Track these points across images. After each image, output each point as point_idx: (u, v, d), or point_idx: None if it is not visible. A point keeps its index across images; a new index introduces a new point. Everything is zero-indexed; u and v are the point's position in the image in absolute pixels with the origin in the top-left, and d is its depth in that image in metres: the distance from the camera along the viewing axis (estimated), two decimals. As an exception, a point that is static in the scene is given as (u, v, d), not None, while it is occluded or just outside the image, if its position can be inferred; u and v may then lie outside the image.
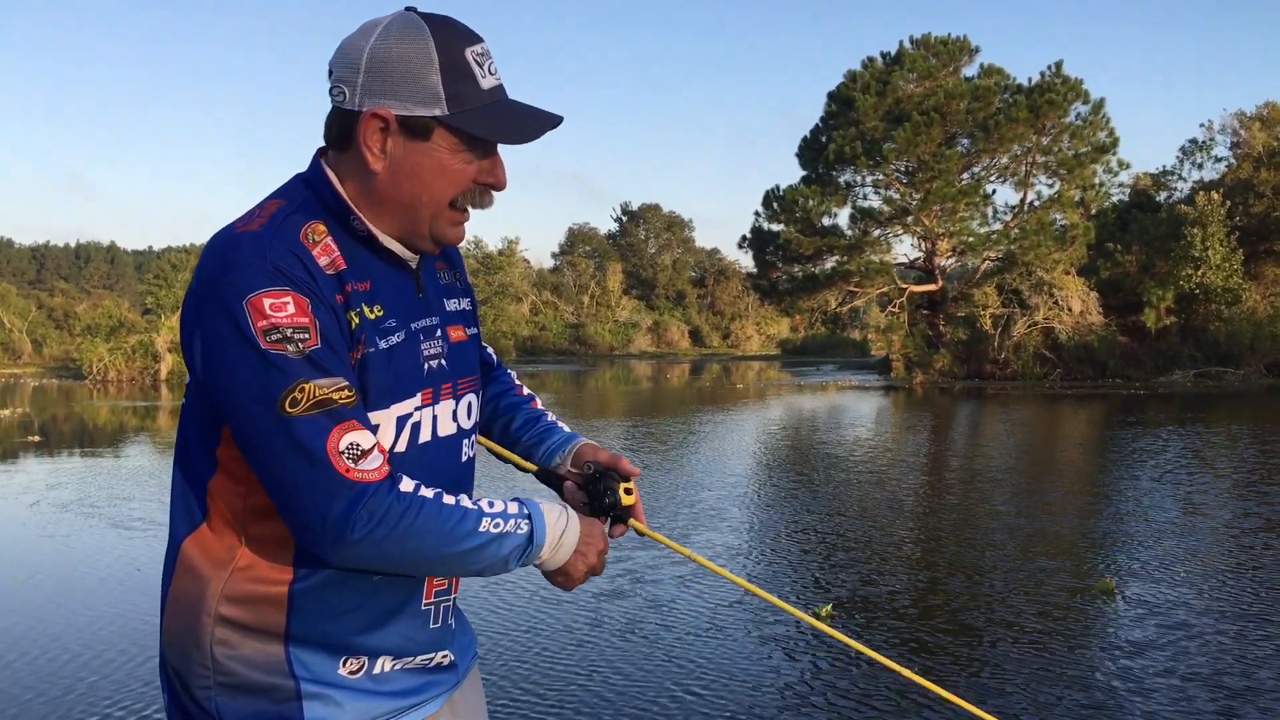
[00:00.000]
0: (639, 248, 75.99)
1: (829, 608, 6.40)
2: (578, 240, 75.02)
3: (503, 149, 1.60)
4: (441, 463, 1.65)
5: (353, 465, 1.42)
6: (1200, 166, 37.08)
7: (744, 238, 36.84)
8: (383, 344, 1.54)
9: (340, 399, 1.42)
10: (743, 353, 62.21)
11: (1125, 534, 8.68)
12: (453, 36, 1.52)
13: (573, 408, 24.81)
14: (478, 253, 66.00)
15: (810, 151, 34.98)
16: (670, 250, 76.33)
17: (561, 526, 1.62)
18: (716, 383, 34.07)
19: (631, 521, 1.80)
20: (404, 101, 1.49)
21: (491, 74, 1.56)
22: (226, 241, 1.46)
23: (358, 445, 1.43)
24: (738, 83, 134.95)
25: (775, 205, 35.22)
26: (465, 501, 1.53)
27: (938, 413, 22.42)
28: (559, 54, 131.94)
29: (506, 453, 1.91)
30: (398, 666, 1.61)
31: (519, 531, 1.56)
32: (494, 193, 1.62)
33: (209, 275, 1.43)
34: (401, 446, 1.58)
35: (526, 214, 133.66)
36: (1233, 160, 34.92)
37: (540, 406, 1.97)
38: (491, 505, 1.55)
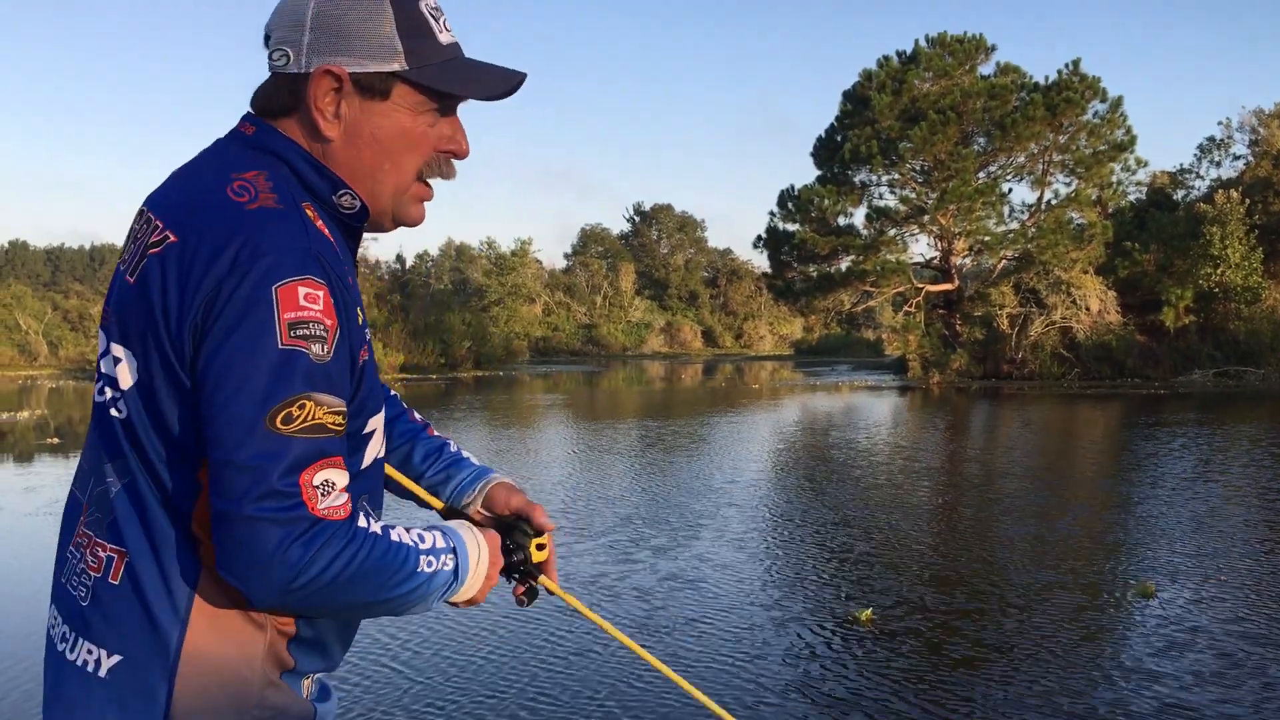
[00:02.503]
0: (651, 248, 75.95)
1: (869, 612, 6.30)
2: (590, 241, 75.01)
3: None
4: (379, 480, 1.50)
5: (320, 502, 1.24)
6: (1218, 165, 36.90)
7: (759, 237, 36.76)
8: (368, 340, 1.41)
9: (333, 426, 1.26)
10: (756, 353, 62.11)
11: (1153, 536, 8.56)
12: None
13: (587, 408, 24.74)
14: (491, 254, 66.08)
15: (825, 151, 34.85)
16: (683, 250, 76.27)
17: (477, 556, 1.46)
18: (730, 383, 33.97)
19: (542, 579, 1.61)
20: (358, 57, 1.33)
21: (447, 30, 1.41)
22: (248, 216, 1.26)
23: (331, 483, 1.25)
24: (752, 82, 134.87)
25: (790, 205, 35.10)
26: (403, 535, 1.36)
27: (955, 413, 22.27)
28: (571, 51, 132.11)
29: (412, 485, 1.66)
30: (321, 675, 1.49)
31: (446, 568, 1.40)
32: (456, 162, 1.47)
33: (234, 254, 1.23)
34: (367, 462, 1.43)
35: (538, 214, 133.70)
36: (1251, 158, 34.68)
37: (438, 434, 1.73)
38: (422, 539, 1.38)
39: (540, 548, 1.60)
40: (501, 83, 1.43)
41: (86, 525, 1.36)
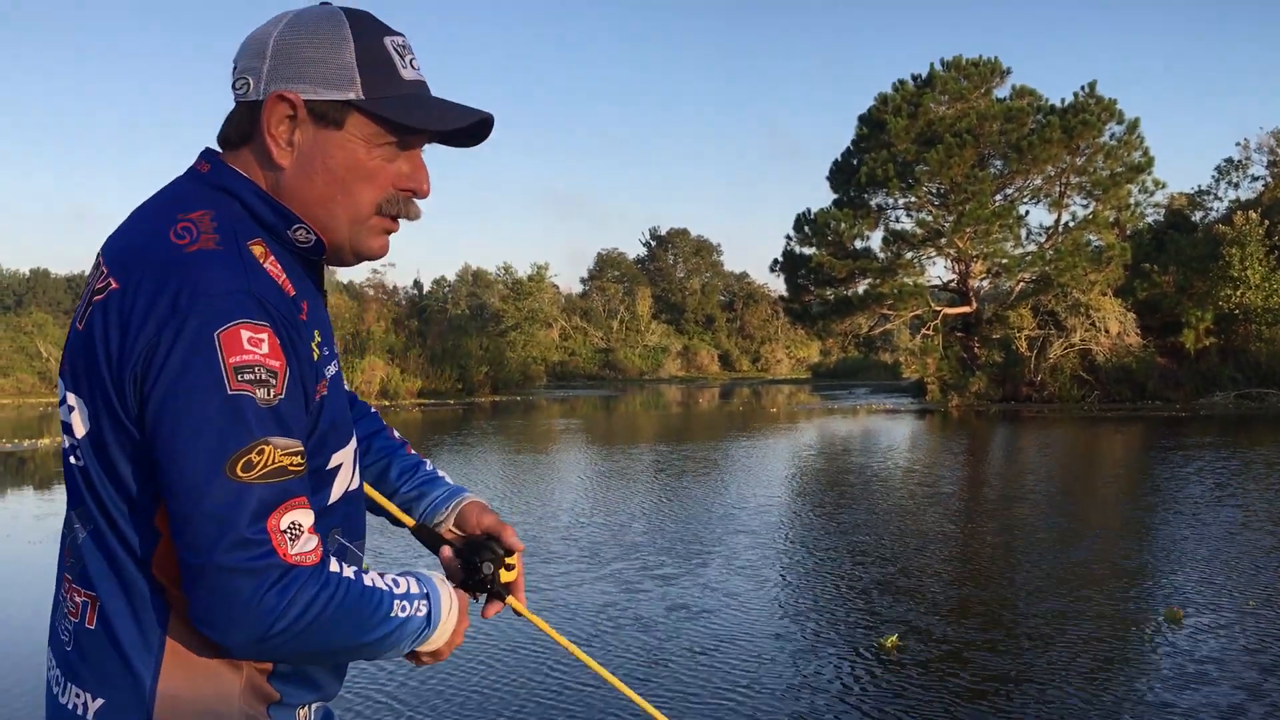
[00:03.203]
0: (668, 272, 76.00)
1: (895, 638, 6.22)
2: (606, 265, 75.12)
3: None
4: (357, 512, 1.50)
5: (291, 547, 1.23)
6: (1236, 186, 36.74)
7: (776, 261, 36.74)
8: (328, 376, 1.38)
9: (293, 468, 1.25)
10: (773, 376, 61.95)
11: (1176, 562, 8.44)
12: (370, 23, 1.38)
13: (603, 433, 24.69)
14: (507, 279, 66.28)
15: (841, 174, 34.86)
16: (699, 274, 76.30)
17: (449, 605, 1.46)
18: (747, 407, 33.88)
19: (510, 600, 1.62)
20: (313, 84, 1.33)
21: (413, 67, 1.39)
22: (185, 260, 1.24)
23: (299, 525, 1.25)
24: (765, 105, 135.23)
25: (807, 228, 35.10)
26: (376, 580, 1.36)
27: (974, 436, 22.12)
28: (586, 76, 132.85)
29: (385, 502, 1.67)
30: (319, 705, 1.48)
31: (419, 615, 1.40)
32: (418, 202, 1.44)
33: (171, 298, 1.21)
34: (335, 496, 1.41)
35: (555, 239, 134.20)
36: (1270, 179, 34.50)
37: (414, 452, 1.74)
38: (396, 584, 1.39)
39: (509, 568, 1.60)
40: (460, 117, 1.39)
41: (67, 570, 1.37)
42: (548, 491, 13.59)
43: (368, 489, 1.63)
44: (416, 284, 65.25)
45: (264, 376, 1.22)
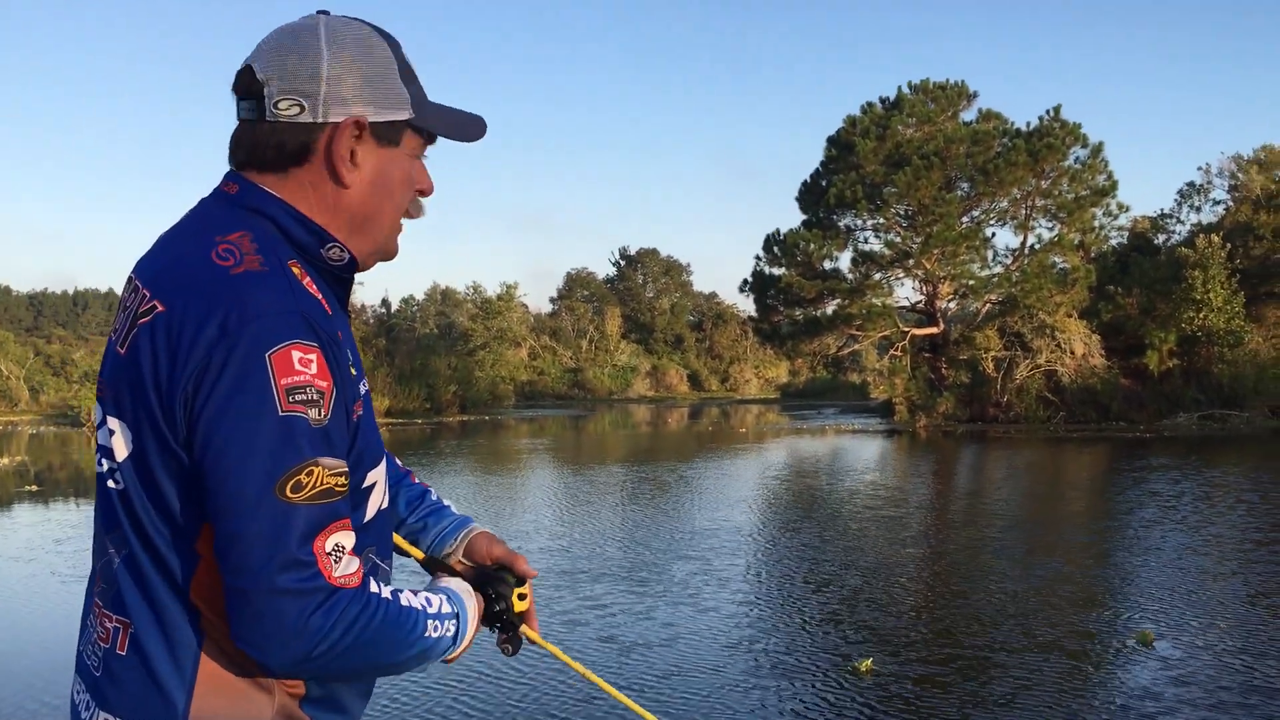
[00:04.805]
0: (637, 292, 76.04)
1: (869, 662, 6.20)
2: (576, 285, 75.06)
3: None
4: (388, 531, 1.52)
5: (335, 569, 1.25)
6: (1198, 209, 37.22)
7: (745, 281, 36.83)
8: (361, 394, 1.40)
9: (339, 489, 1.27)
10: (741, 396, 62.04)
11: (1143, 584, 8.50)
12: (390, 38, 1.43)
13: (571, 453, 24.60)
14: (476, 298, 66.06)
15: (810, 195, 35.05)
16: (668, 294, 76.38)
17: (473, 620, 1.50)
18: (717, 427, 33.89)
19: (523, 629, 1.63)
20: (375, 106, 1.38)
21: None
22: (233, 281, 1.25)
23: (342, 547, 1.27)
24: (737, 126, 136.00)
25: (776, 249, 35.23)
26: (410, 599, 1.38)
27: (942, 457, 22.23)
28: (556, 93, 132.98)
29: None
30: None
31: (449, 634, 1.43)
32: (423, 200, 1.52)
33: (221, 321, 1.21)
34: (370, 515, 1.43)
35: (524, 259, 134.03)
36: (1231, 203, 35.02)
37: (419, 481, 1.74)
38: (429, 603, 1.41)
39: (521, 597, 1.61)
40: (479, 129, 1.51)
41: (98, 596, 1.38)
42: (516, 512, 13.49)
43: None
44: (384, 303, 64.87)
45: (314, 397, 1.24)
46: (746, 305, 47.45)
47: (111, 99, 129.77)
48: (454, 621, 1.44)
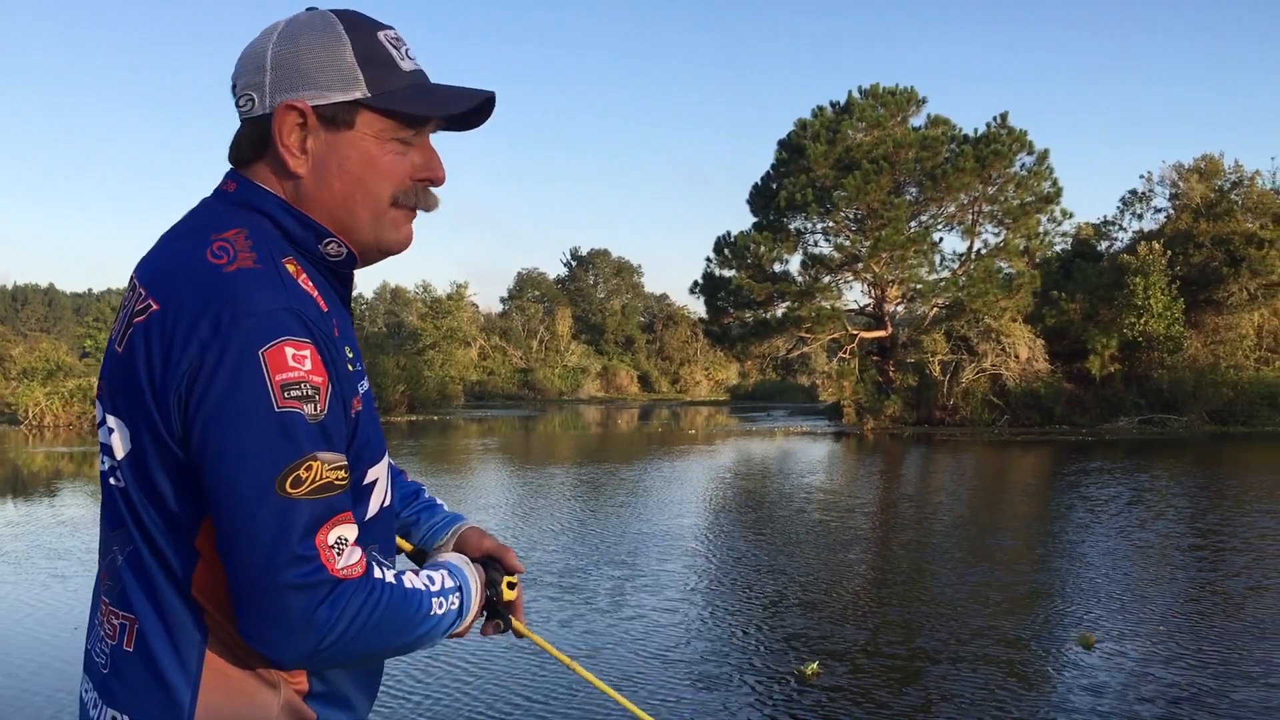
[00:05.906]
0: (588, 293, 75.98)
1: (815, 665, 6.19)
2: (527, 285, 74.82)
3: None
4: (390, 529, 1.52)
5: (338, 561, 1.26)
6: (1140, 217, 37.82)
7: (696, 283, 36.88)
8: (361, 391, 1.39)
9: (339, 483, 1.27)
10: (692, 398, 62.17)
11: (1086, 585, 8.59)
12: (362, 21, 1.39)
13: (521, 453, 24.47)
14: (426, 296, 65.59)
15: (761, 198, 35.20)
16: (619, 295, 76.40)
17: (476, 590, 1.53)
18: (666, 428, 33.91)
19: (513, 622, 1.67)
20: (319, 89, 1.34)
21: (410, 58, 1.42)
22: (225, 280, 1.26)
23: (345, 539, 1.28)
24: (689, 128, 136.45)
25: (727, 251, 35.33)
26: (413, 580, 1.39)
27: (889, 459, 22.41)
28: (511, 92, 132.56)
29: None
30: None
31: (453, 608, 1.45)
32: (435, 191, 1.46)
33: (214, 318, 1.22)
34: (373, 510, 1.43)
35: (474, 258, 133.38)
36: (1172, 211, 35.66)
37: (412, 479, 1.77)
38: (432, 581, 1.43)
39: (511, 586, 1.65)
40: (464, 100, 1.42)
41: (104, 593, 1.38)
42: (465, 512, 13.35)
43: None
44: (332, 301, 64.09)
45: (309, 392, 1.24)
46: (697, 307, 47.63)
47: (48, 94, 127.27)
48: (457, 595, 1.45)
